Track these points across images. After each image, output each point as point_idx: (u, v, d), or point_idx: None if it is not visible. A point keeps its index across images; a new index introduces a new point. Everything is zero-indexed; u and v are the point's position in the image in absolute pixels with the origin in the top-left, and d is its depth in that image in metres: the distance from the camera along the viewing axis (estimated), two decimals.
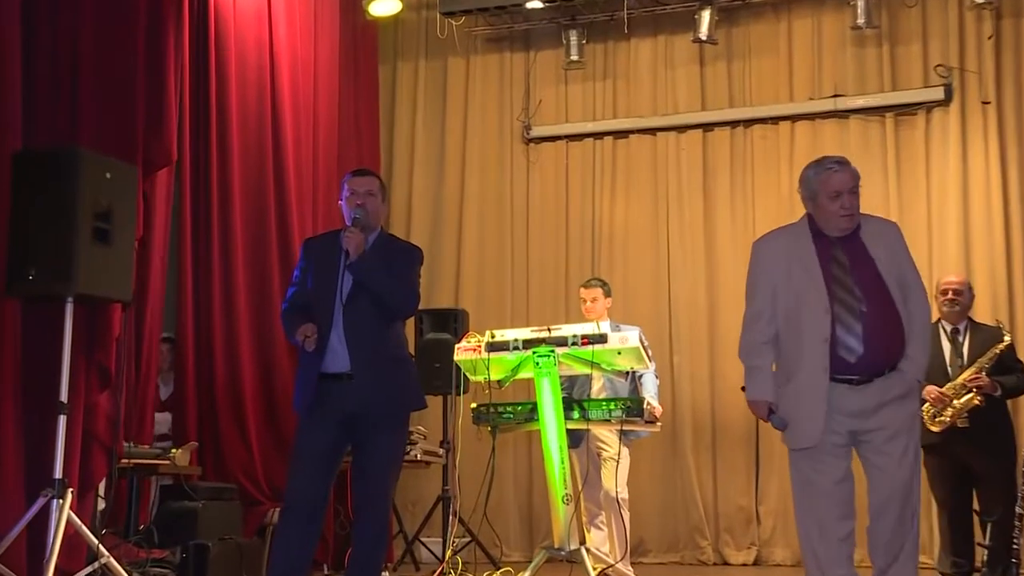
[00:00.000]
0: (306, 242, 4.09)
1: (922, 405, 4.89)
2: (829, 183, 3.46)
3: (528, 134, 7.88)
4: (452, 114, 8.07)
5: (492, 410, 4.88)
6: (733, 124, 7.49)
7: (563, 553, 4.60)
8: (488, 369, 4.70)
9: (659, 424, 5.20)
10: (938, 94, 7.00)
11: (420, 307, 4.21)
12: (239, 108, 6.03)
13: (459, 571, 5.27)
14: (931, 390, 4.96)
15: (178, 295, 5.67)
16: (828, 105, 7.24)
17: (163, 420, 5.72)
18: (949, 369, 5.07)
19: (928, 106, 7.07)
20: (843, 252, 3.43)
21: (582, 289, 5.95)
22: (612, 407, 4.80)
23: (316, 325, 3.71)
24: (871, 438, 3.35)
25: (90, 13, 4.47)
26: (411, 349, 4.36)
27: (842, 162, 3.52)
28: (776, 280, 3.46)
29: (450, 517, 5.88)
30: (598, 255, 7.64)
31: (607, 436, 5.61)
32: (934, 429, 5.00)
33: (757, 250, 3.59)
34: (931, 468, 5.06)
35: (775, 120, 7.40)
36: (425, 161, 8.09)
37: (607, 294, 5.90)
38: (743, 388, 3.52)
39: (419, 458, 6.07)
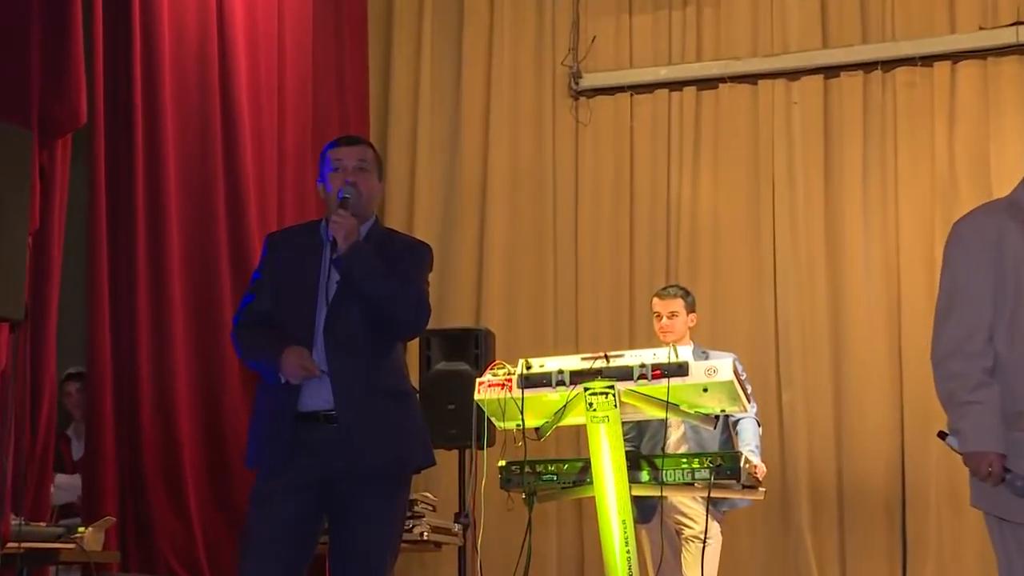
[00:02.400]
0: (270, 237, 4.12)
1: None
2: None
3: (577, 84, 7.87)
4: (471, 58, 8.08)
5: (528, 470, 4.84)
6: (867, 67, 7.45)
7: None
8: (522, 413, 4.65)
9: (762, 489, 5.14)
10: None
11: (428, 326, 4.19)
12: (173, 53, 6.05)
13: None
14: None
15: (89, 313, 5.68)
16: (1007, 37, 7.17)
17: (70, 485, 5.72)
18: None
19: None
20: None
21: (655, 300, 5.93)
22: (696, 466, 4.74)
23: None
24: None
25: None
26: (415, 384, 4.33)
27: None
28: (1001, 281, 3.34)
29: None
30: (675, 253, 7.61)
31: (690, 507, 5.60)
32: None
33: (964, 237, 3.42)
34: None
35: (928, 60, 7.35)
36: (434, 124, 8.10)
37: (690, 308, 5.88)
38: (942, 434, 3.40)
39: (426, 537, 6.04)
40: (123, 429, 5.68)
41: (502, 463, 4.92)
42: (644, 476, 4.77)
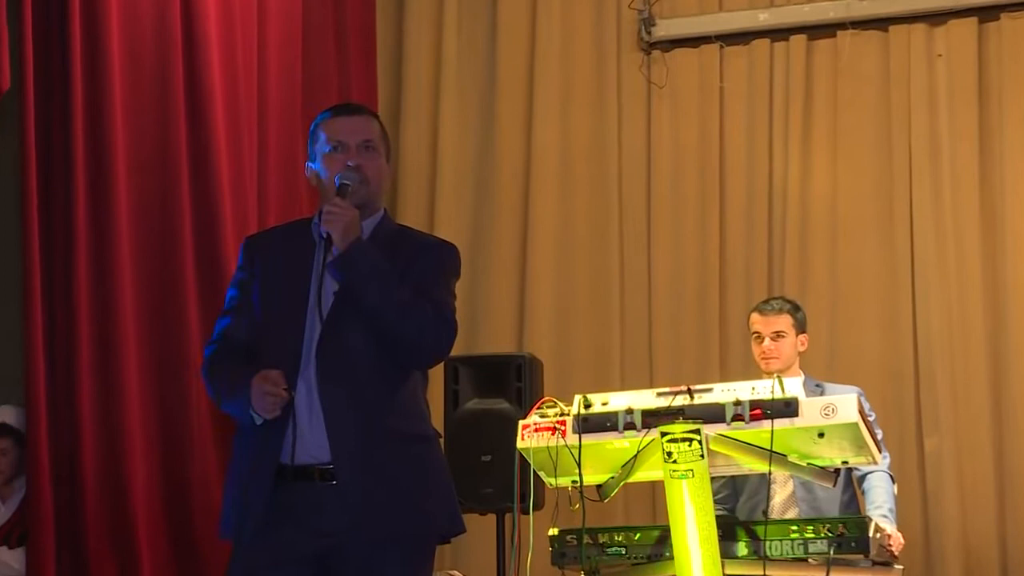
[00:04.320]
0: (248, 241, 4.16)
1: None
2: None
3: (649, 34, 7.91)
4: (510, 5, 8.10)
5: (588, 541, 4.85)
6: None
7: None
8: (579, 465, 4.67)
9: (900, 567, 5.14)
10: None
11: (454, 351, 4.22)
12: (122, 5, 6.08)
13: None
14: None
15: (25, 338, 5.72)
16: None
17: None
18: None
19: None
20: None
21: (755, 317, 5.97)
22: (810, 535, 4.76)
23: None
24: None
25: None
26: (438, 427, 4.35)
27: None
28: None
29: None
30: (780, 254, 7.63)
31: None
32: None
33: None
34: None
35: None
36: (461, 93, 8.16)
37: (800, 327, 5.91)
38: None
39: None
40: (60, 488, 5.71)
41: (554, 531, 4.94)
42: (741, 549, 4.80)
